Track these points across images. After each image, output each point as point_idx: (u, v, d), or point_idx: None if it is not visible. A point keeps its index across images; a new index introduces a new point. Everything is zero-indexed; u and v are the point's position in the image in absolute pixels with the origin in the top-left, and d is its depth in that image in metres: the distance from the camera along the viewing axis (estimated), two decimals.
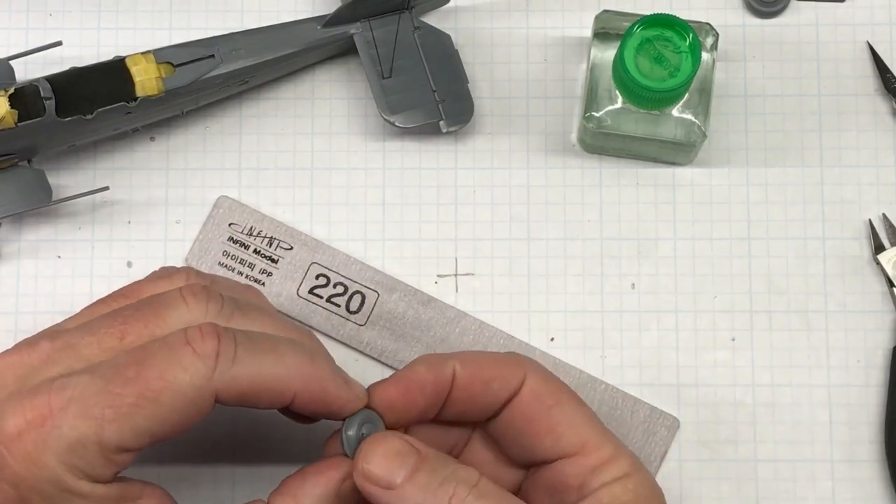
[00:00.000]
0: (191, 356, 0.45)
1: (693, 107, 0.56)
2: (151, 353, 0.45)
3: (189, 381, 0.45)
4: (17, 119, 0.54)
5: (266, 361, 0.46)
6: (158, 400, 0.44)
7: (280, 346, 0.47)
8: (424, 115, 0.59)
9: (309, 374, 0.47)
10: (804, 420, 0.58)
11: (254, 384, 0.46)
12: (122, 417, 0.44)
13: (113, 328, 0.47)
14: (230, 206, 0.59)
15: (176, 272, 0.51)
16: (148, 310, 0.47)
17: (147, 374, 0.45)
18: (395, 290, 0.59)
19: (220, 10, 0.61)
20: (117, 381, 0.45)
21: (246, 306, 0.49)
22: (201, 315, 0.47)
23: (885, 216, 0.59)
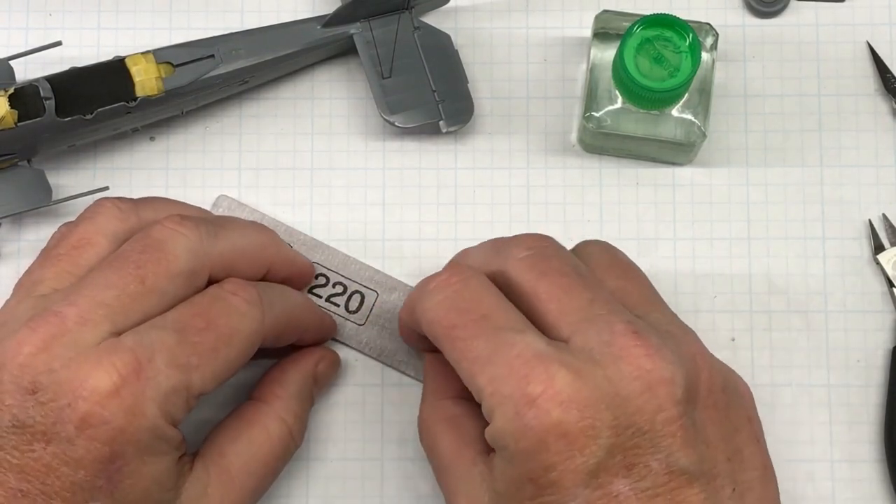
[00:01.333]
0: (245, 304, 0.50)
1: (693, 107, 0.56)
2: (207, 306, 0.49)
3: (249, 325, 0.50)
4: (17, 119, 0.54)
5: (288, 300, 0.54)
6: (231, 344, 0.49)
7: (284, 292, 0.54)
8: (424, 115, 0.59)
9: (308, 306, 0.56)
10: (804, 420, 0.58)
11: (289, 318, 0.53)
12: (206, 363, 0.48)
13: (129, 275, 0.49)
14: (229, 205, 0.59)
15: (99, 206, 0.52)
16: (152, 249, 0.49)
17: (216, 322, 0.49)
18: (395, 289, 0.59)
19: (220, 10, 0.61)
20: (191, 332, 0.48)
21: (217, 220, 0.53)
22: (198, 239, 0.50)
23: (885, 216, 0.59)
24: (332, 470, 0.57)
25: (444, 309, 0.49)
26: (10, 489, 0.46)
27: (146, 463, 0.47)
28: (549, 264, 0.50)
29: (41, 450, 0.46)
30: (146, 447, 0.47)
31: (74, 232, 0.52)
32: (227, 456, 0.51)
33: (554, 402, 0.45)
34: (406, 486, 0.56)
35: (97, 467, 0.46)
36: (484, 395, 0.47)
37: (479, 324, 0.48)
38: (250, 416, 0.53)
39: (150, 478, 0.47)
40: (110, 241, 0.51)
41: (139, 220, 0.52)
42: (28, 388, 0.46)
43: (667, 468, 0.46)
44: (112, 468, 0.46)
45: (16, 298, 0.51)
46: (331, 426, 0.58)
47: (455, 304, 0.49)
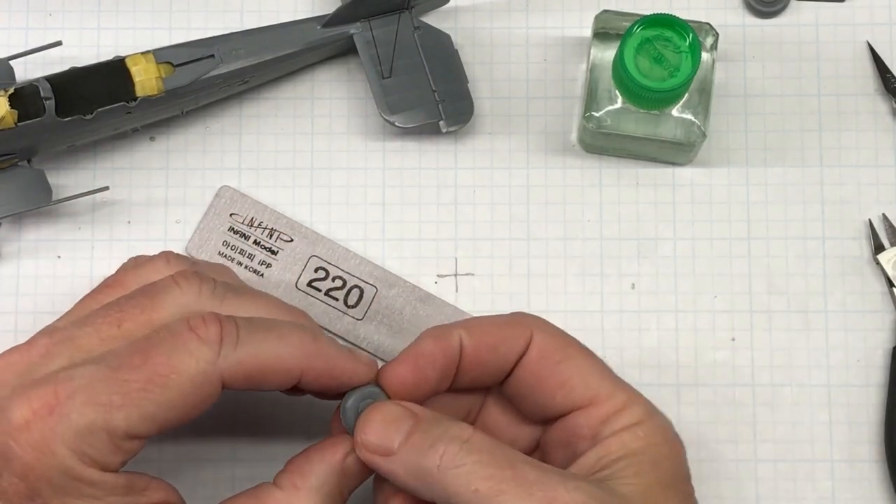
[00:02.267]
0: (196, 342, 0.46)
1: (693, 107, 0.56)
2: (156, 342, 0.46)
3: (195, 366, 0.45)
4: (17, 119, 0.54)
5: (269, 342, 0.47)
6: (166, 385, 0.45)
7: (281, 327, 0.48)
8: (424, 115, 0.59)
9: (313, 350, 0.48)
10: (804, 420, 0.58)
11: (259, 365, 0.47)
12: (131, 403, 0.45)
13: (110, 317, 0.47)
14: (232, 195, 0.59)
15: (155, 256, 0.51)
16: (142, 297, 0.48)
17: (153, 360, 0.45)
18: (394, 285, 0.59)
19: (220, 10, 0.61)
20: (124, 369, 0.45)
21: (238, 288, 0.50)
22: (195, 298, 0.48)
23: (885, 216, 0.59)
24: None
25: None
26: None
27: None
28: None
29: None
30: (63, 489, 0.45)
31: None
32: None
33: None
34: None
35: (21, 503, 0.45)
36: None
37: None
38: (263, 500, 0.48)
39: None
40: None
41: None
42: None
43: None
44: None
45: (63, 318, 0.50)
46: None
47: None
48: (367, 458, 0.47)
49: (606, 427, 0.49)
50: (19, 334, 0.58)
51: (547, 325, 0.51)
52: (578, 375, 0.50)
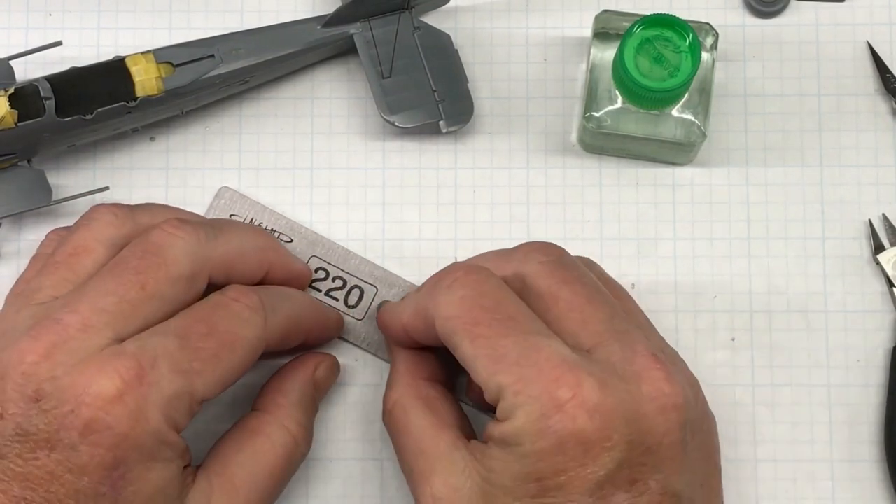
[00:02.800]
0: (247, 310, 0.50)
1: (693, 107, 0.56)
2: (209, 312, 0.50)
3: (252, 332, 0.50)
4: (17, 119, 0.54)
5: (291, 304, 0.54)
6: (234, 350, 0.49)
7: (286, 296, 0.54)
8: (424, 115, 0.59)
9: (313, 307, 0.56)
10: (804, 420, 0.58)
11: (292, 322, 0.53)
12: (209, 368, 0.48)
13: (129, 281, 0.49)
14: (231, 196, 0.59)
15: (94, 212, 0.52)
16: (151, 255, 0.49)
17: (219, 327, 0.49)
18: (394, 285, 0.59)
19: (220, 10, 0.61)
20: (194, 337, 0.48)
21: (215, 223, 0.53)
22: (196, 242, 0.51)
23: (885, 216, 0.59)
24: (332, 470, 0.57)
25: (468, 306, 0.49)
26: (13, 497, 0.46)
27: (150, 470, 0.47)
28: (569, 273, 0.50)
29: (45, 457, 0.46)
30: (150, 453, 0.47)
31: (71, 239, 0.51)
32: (230, 467, 0.51)
33: (581, 408, 0.46)
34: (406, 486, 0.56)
35: (101, 474, 0.46)
36: (506, 393, 0.47)
37: (505, 324, 0.48)
38: (253, 426, 0.53)
39: (153, 485, 0.47)
40: (107, 248, 0.51)
41: (136, 225, 0.52)
42: (31, 396, 0.46)
43: (662, 489, 0.46)
44: (116, 475, 0.46)
45: (14, 307, 0.51)
46: (331, 426, 0.58)
47: (478, 302, 0.49)
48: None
49: None
50: None
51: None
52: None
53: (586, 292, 0.49)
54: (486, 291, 0.49)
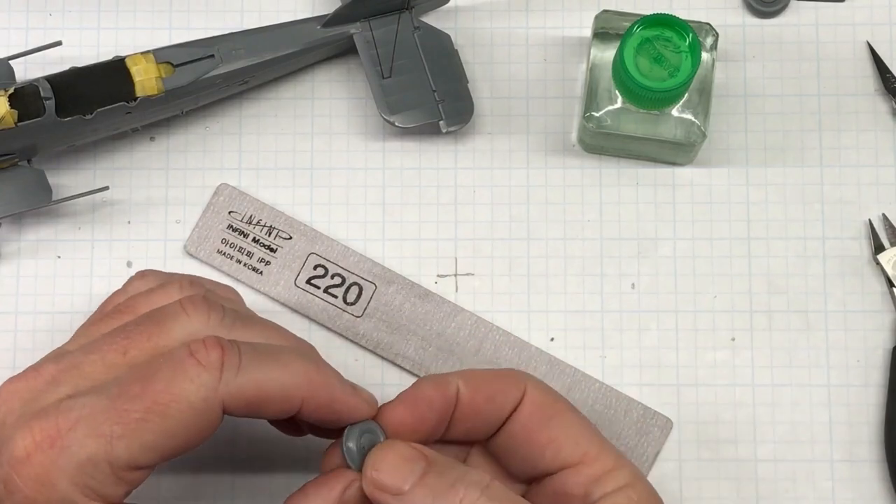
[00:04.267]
0: (196, 368, 0.45)
1: (693, 107, 0.56)
2: (156, 368, 0.45)
3: (196, 393, 0.45)
4: (17, 119, 0.54)
5: (271, 369, 0.46)
6: (166, 413, 0.44)
7: (284, 355, 0.47)
8: (424, 115, 0.59)
9: (316, 379, 0.47)
10: (804, 420, 0.58)
11: (261, 392, 0.46)
12: (131, 433, 0.44)
13: (116, 344, 0.47)
14: (230, 193, 0.59)
15: (168, 284, 0.50)
16: (150, 323, 0.47)
17: (153, 388, 0.45)
18: (393, 282, 0.59)
19: (220, 10, 0.61)
20: (124, 398, 0.44)
21: (247, 317, 0.49)
22: (203, 325, 0.47)
23: (885, 216, 0.59)
24: None
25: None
26: None
27: None
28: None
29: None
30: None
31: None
32: None
33: None
34: None
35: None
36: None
37: None
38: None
39: None
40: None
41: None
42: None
43: None
44: None
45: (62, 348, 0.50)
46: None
47: None
48: (376, 495, 0.47)
49: (598, 487, 0.49)
50: (19, 334, 0.58)
51: (539, 381, 0.51)
52: (569, 433, 0.50)
53: None
54: None
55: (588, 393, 0.58)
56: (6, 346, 0.58)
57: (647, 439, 0.57)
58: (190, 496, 0.57)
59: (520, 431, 0.50)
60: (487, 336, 0.58)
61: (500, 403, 0.50)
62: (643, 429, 0.57)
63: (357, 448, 0.48)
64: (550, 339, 0.59)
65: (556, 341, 0.59)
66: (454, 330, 0.58)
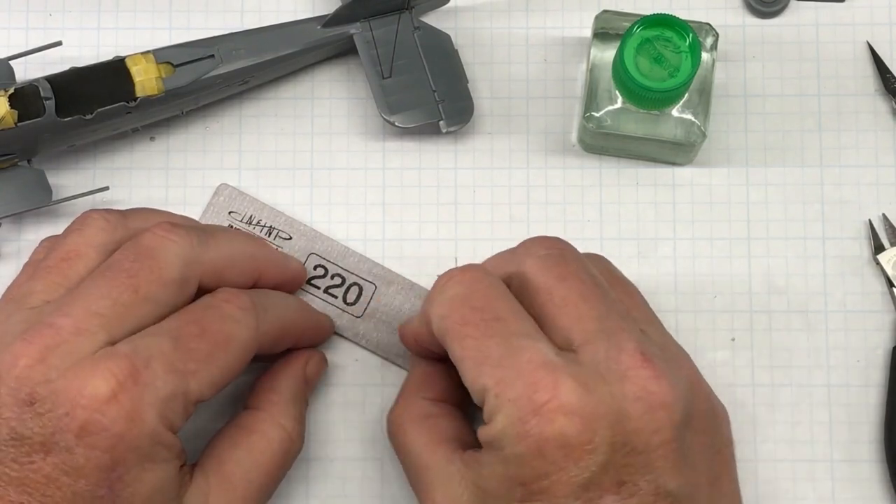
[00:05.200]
0: (239, 311, 0.50)
1: (693, 107, 0.56)
2: (201, 314, 0.50)
3: (245, 332, 0.50)
4: (17, 119, 0.54)
5: (282, 306, 0.54)
6: (227, 350, 0.49)
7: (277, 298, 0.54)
8: (424, 115, 0.59)
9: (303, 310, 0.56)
10: (804, 420, 0.58)
11: (283, 325, 0.54)
12: (203, 369, 0.48)
13: (122, 284, 0.48)
14: (230, 193, 0.59)
15: (85, 218, 0.52)
16: (144, 258, 0.49)
17: (211, 328, 0.49)
18: (393, 282, 0.59)
19: (220, 10, 0.61)
20: (187, 338, 0.48)
21: (205, 228, 0.53)
22: (188, 246, 0.50)
23: (885, 216, 0.59)
24: (332, 470, 0.57)
25: (458, 305, 0.49)
26: (10, 502, 0.45)
27: (147, 470, 0.47)
28: (567, 268, 0.50)
29: (41, 461, 0.46)
30: (146, 454, 0.47)
31: (63, 244, 0.51)
32: (226, 464, 0.51)
33: (558, 412, 0.45)
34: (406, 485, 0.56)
35: (98, 476, 0.46)
36: (488, 395, 0.47)
37: (491, 325, 0.48)
38: (248, 424, 0.53)
39: (151, 486, 0.47)
40: (99, 253, 0.51)
41: (127, 230, 0.52)
42: (26, 399, 0.46)
43: (655, 489, 0.46)
44: (113, 476, 0.46)
45: (5, 312, 0.50)
46: (331, 426, 0.58)
47: (468, 302, 0.49)
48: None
49: None
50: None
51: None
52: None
53: (582, 288, 0.49)
54: (477, 290, 0.49)
55: None
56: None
57: None
58: None
59: None
60: None
61: None
62: None
63: None
64: None
65: None
66: None
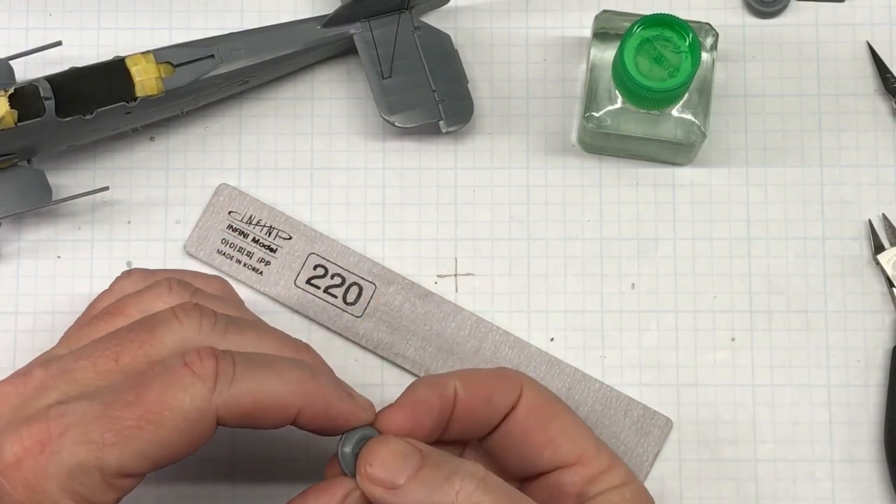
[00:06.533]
0: (190, 377, 0.45)
1: (693, 107, 0.56)
2: (150, 377, 0.45)
3: (189, 403, 0.44)
4: (17, 119, 0.54)
5: (266, 379, 0.46)
6: (159, 422, 0.44)
7: (279, 364, 0.47)
8: (424, 115, 0.59)
9: (311, 388, 0.47)
10: (804, 420, 0.58)
11: (256, 403, 0.46)
12: (123, 441, 0.44)
13: (108, 350, 0.47)
14: (230, 193, 0.59)
15: (157, 283, 0.50)
16: (141, 330, 0.47)
17: (147, 396, 0.44)
18: (393, 282, 0.59)
19: (220, 10, 0.61)
20: (117, 405, 0.44)
21: (239, 321, 0.49)
22: (195, 332, 0.47)
23: (885, 216, 0.59)
24: None
25: None
26: None
27: None
28: None
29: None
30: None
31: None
32: None
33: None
34: None
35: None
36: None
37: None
38: None
39: None
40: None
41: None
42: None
43: None
44: None
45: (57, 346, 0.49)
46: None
47: None
48: (372, 491, 0.47)
49: (593, 486, 0.50)
50: (19, 334, 0.58)
51: (535, 381, 0.52)
52: (566, 433, 0.50)
53: None
54: None
55: (588, 393, 0.58)
56: (6, 346, 0.58)
57: (648, 439, 0.57)
58: (190, 500, 0.57)
59: (516, 431, 0.50)
60: (487, 336, 0.58)
61: (496, 404, 0.50)
62: (643, 429, 0.57)
63: (352, 453, 0.48)
64: (550, 339, 0.59)
65: (556, 341, 0.59)
66: (454, 330, 0.58)
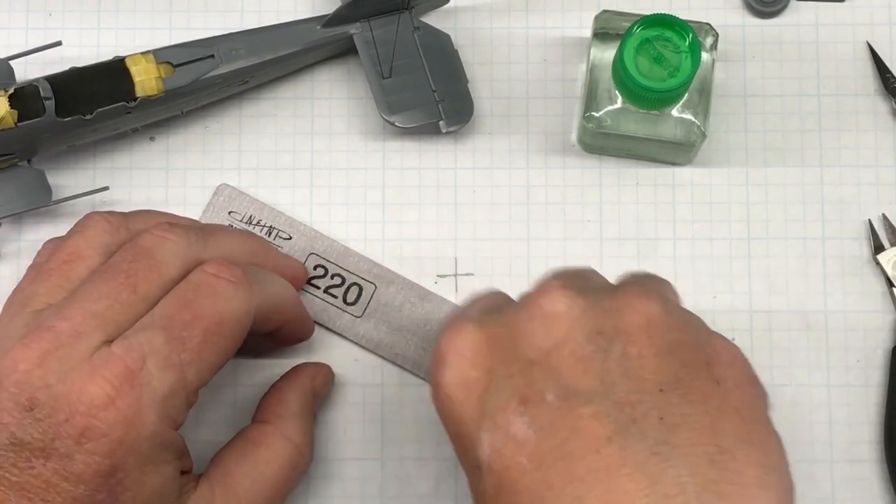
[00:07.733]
0: (230, 286, 0.49)
1: (693, 107, 0.56)
2: (192, 295, 0.48)
3: (238, 307, 0.49)
4: (17, 119, 0.54)
5: (271, 280, 0.53)
6: (221, 332, 0.48)
7: (270, 274, 0.53)
8: (424, 115, 0.59)
9: (295, 296, 0.55)
10: (804, 420, 0.58)
11: (276, 302, 0.52)
12: (198, 357, 0.48)
13: (121, 283, 0.48)
14: (230, 193, 0.59)
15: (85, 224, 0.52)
16: (143, 258, 0.49)
17: (203, 312, 0.48)
18: (393, 282, 0.59)
19: (220, 10, 0.61)
20: (176, 327, 0.48)
21: (207, 229, 0.53)
22: (186, 245, 0.50)
23: (885, 216, 0.59)
24: (332, 470, 0.57)
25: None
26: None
27: (147, 474, 0.47)
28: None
29: (41, 466, 0.45)
30: (146, 457, 0.46)
31: (64, 246, 0.51)
32: (232, 475, 0.51)
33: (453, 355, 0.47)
34: (406, 486, 0.56)
35: (97, 481, 0.45)
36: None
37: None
38: (255, 437, 0.53)
39: (151, 489, 0.47)
40: (101, 254, 0.50)
41: (129, 231, 0.52)
42: (25, 405, 0.46)
43: (563, 396, 0.45)
44: (112, 481, 0.46)
45: (8, 315, 0.50)
46: (331, 426, 0.58)
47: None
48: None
49: None
50: None
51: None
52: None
53: None
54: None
55: None
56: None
57: None
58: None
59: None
60: None
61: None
62: None
63: None
64: None
65: None
66: None
